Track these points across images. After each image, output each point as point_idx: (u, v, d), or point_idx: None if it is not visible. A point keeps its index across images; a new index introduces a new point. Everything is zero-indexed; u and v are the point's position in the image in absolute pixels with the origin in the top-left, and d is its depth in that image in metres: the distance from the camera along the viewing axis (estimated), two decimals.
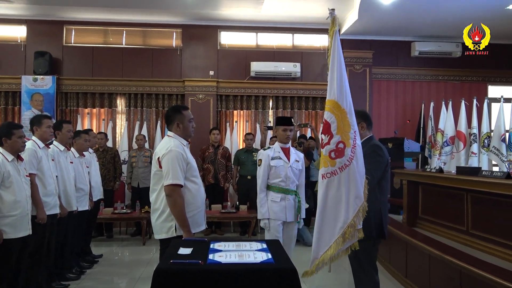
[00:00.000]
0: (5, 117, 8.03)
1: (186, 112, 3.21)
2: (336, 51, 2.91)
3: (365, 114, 3.41)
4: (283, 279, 2.04)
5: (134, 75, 8.28)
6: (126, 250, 6.55)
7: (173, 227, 3.00)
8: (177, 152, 3.00)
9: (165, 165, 2.98)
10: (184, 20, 8.33)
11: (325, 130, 2.92)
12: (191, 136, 3.27)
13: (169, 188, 2.94)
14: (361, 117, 3.31)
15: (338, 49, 2.92)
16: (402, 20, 7.74)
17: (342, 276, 5.24)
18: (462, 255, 3.66)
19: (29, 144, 4.00)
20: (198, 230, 3.13)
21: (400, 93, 8.92)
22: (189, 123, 3.19)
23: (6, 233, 3.39)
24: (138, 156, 7.24)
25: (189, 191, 3.05)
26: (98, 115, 8.39)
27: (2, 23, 8.22)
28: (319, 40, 8.77)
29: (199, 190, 3.15)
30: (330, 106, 2.91)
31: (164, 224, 3.03)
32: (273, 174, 3.99)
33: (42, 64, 7.89)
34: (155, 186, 3.10)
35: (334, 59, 2.91)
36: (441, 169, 4.98)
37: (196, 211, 3.09)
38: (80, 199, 5.00)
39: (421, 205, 5.48)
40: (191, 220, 3.03)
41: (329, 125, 2.90)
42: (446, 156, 7.69)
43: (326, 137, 2.91)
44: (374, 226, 3.13)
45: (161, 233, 3.05)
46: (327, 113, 2.92)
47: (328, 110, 2.92)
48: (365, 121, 3.32)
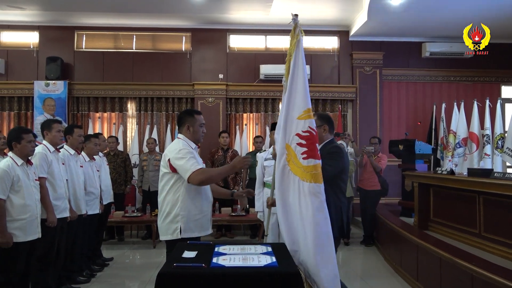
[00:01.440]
0: (18, 122, 8.16)
1: (198, 116, 3.22)
2: (301, 59, 2.79)
3: (328, 117, 3.40)
4: (287, 283, 2.02)
5: (144, 79, 8.35)
6: (137, 253, 6.57)
7: (178, 229, 3.00)
8: (186, 150, 3.03)
9: (178, 162, 2.98)
10: (193, 24, 8.38)
11: (317, 139, 2.78)
12: (200, 141, 3.28)
13: (193, 178, 2.91)
14: (324, 120, 3.30)
15: (302, 56, 2.80)
16: (412, 21, 7.68)
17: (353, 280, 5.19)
18: (473, 258, 3.59)
19: (40, 148, 4.06)
20: (203, 234, 3.12)
21: (411, 95, 8.83)
22: (199, 127, 3.20)
23: (16, 236, 3.42)
24: (148, 159, 7.27)
25: (195, 195, 3.05)
26: (109, 119, 8.47)
27: (16, 30, 8.38)
28: (329, 42, 8.75)
29: (206, 194, 3.15)
30: (308, 113, 2.78)
31: (170, 225, 3.03)
32: (266, 173, 4.57)
33: (54, 69, 8.00)
34: (163, 187, 3.12)
35: (299, 67, 2.78)
36: (452, 171, 4.91)
37: (202, 215, 3.09)
38: (90, 202, 5.02)
39: (433, 208, 5.40)
40: (197, 223, 3.03)
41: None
42: (458, 158, 7.58)
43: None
44: (335, 226, 3.09)
45: (167, 234, 3.06)
46: (313, 121, 2.77)
47: (311, 117, 2.78)
48: (327, 124, 3.30)
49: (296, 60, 2.78)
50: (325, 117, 3.35)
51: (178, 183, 3.04)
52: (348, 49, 8.66)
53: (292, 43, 2.81)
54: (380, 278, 5.13)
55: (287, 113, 2.76)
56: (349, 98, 8.59)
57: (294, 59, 2.79)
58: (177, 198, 3.02)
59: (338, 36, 8.70)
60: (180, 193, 3.02)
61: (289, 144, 2.72)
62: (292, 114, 2.75)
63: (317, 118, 3.28)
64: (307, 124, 2.70)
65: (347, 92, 8.56)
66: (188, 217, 3.02)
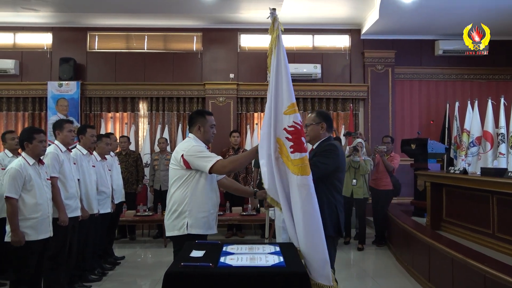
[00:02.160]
0: (32, 122, 8.27)
1: (209, 117, 3.25)
2: (282, 53, 2.76)
3: (327, 115, 3.35)
4: (294, 282, 2.01)
5: (156, 79, 8.39)
6: (148, 252, 6.62)
7: (185, 225, 3.03)
8: (200, 146, 3.09)
9: (194, 158, 3.02)
10: (204, 24, 8.40)
11: (303, 133, 2.74)
12: (210, 142, 3.30)
13: (218, 168, 2.96)
14: (323, 118, 3.27)
15: (283, 51, 2.77)
16: (425, 18, 7.59)
17: (366, 281, 5.16)
18: (486, 259, 3.53)
19: (51, 148, 4.10)
20: (209, 233, 3.14)
21: (424, 93, 8.73)
22: (210, 128, 3.23)
23: (28, 235, 3.47)
24: (160, 159, 7.32)
25: (202, 194, 3.06)
26: (121, 119, 8.54)
27: (30, 31, 8.49)
28: (340, 40, 8.70)
29: (213, 194, 3.16)
30: (293, 108, 2.74)
31: (177, 221, 3.06)
32: None
33: (67, 70, 8.09)
34: (172, 184, 3.15)
35: (281, 62, 2.76)
36: (465, 170, 4.84)
37: (208, 213, 3.10)
38: (102, 202, 5.07)
39: (445, 208, 5.33)
40: (203, 221, 3.05)
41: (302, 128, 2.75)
42: (472, 157, 7.48)
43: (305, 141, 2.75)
44: (331, 225, 3.05)
45: (173, 230, 3.08)
46: (297, 115, 2.72)
47: (296, 111, 2.73)
48: (326, 122, 3.26)
49: (278, 55, 2.77)
50: (324, 115, 3.32)
51: (188, 179, 3.07)
52: (360, 47, 8.60)
53: (273, 37, 2.79)
54: (392, 278, 5.08)
55: (276, 108, 2.75)
56: (360, 97, 8.53)
57: (276, 55, 2.78)
58: (185, 195, 3.05)
59: (349, 34, 8.64)
60: (188, 190, 3.06)
61: (280, 138, 2.72)
62: (279, 109, 2.75)
63: (316, 116, 3.28)
64: (291, 119, 2.69)
65: (358, 91, 8.50)
66: (195, 214, 3.04)
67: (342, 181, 3.23)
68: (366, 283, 5.07)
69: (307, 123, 3.30)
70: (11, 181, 3.41)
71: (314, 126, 3.25)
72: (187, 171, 3.05)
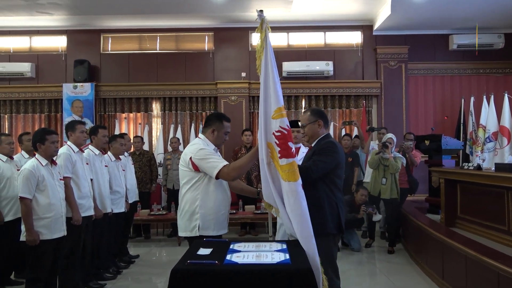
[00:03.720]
0: (48, 124, 8.43)
1: (226, 124, 3.24)
2: (269, 55, 2.67)
3: (321, 112, 3.30)
4: (299, 280, 2.01)
5: (169, 79, 8.46)
6: (163, 250, 6.69)
7: (197, 227, 3.06)
8: (207, 149, 3.09)
9: (202, 162, 3.03)
10: (215, 23, 8.43)
11: (290, 138, 2.65)
12: (219, 147, 3.31)
13: (224, 174, 2.97)
14: (318, 115, 3.22)
15: (270, 52, 2.68)
16: (438, 13, 7.47)
17: (379, 278, 5.12)
18: (499, 256, 3.47)
19: (64, 149, 4.18)
20: (221, 233, 3.15)
21: (438, 89, 8.61)
22: (224, 134, 3.24)
23: (42, 234, 3.55)
24: (172, 158, 7.38)
25: (213, 194, 3.08)
26: (134, 119, 8.64)
27: (45, 34, 8.65)
28: (352, 37, 8.63)
29: (224, 193, 3.17)
30: (280, 112, 2.66)
31: (188, 223, 3.09)
32: None
33: (81, 72, 8.22)
34: (183, 185, 3.17)
35: (269, 64, 2.66)
36: (479, 166, 4.75)
37: (219, 214, 3.11)
38: (116, 201, 5.14)
39: (460, 204, 5.24)
40: (214, 222, 3.07)
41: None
42: (488, 153, 7.36)
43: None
44: (332, 222, 3.02)
45: (186, 231, 3.12)
46: (284, 120, 2.64)
47: (283, 116, 2.65)
48: (321, 119, 3.21)
49: (266, 57, 2.69)
50: (318, 112, 3.27)
51: (198, 181, 3.08)
52: (372, 43, 8.52)
53: (261, 38, 2.71)
54: (405, 275, 5.03)
55: (265, 113, 2.71)
56: (373, 94, 8.45)
57: (264, 56, 2.69)
58: (196, 196, 3.07)
59: (361, 30, 8.57)
60: (199, 192, 3.07)
61: (270, 142, 2.68)
62: (268, 113, 2.70)
63: (311, 114, 3.22)
64: (278, 123, 2.62)
65: (371, 87, 8.43)
66: (206, 215, 3.06)
67: (342, 178, 3.19)
68: (379, 280, 5.04)
69: (303, 123, 3.26)
70: (25, 181, 3.49)
71: (311, 125, 3.21)
72: (196, 173, 3.07)
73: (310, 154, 3.15)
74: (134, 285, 4.96)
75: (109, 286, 4.74)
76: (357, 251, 6.11)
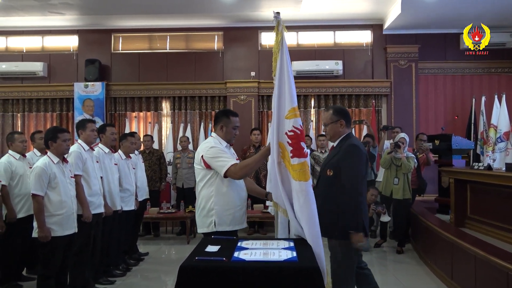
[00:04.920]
0: (60, 122, 8.54)
1: (233, 118, 3.27)
2: (285, 56, 2.72)
3: (345, 111, 3.29)
4: (306, 277, 2.03)
5: (178, 79, 8.51)
6: (172, 248, 6.73)
7: (213, 222, 3.10)
8: (218, 148, 3.12)
9: (211, 160, 3.07)
10: (225, 23, 8.46)
11: (303, 138, 2.70)
12: (231, 142, 3.33)
13: (232, 173, 3.00)
14: (340, 114, 3.21)
15: (286, 53, 2.73)
16: (449, 12, 7.41)
17: (387, 278, 5.11)
18: (509, 256, 3.45)
19: (75, 147, 4.24)
20: (238, 228, 3.17)
21: (449, 88, 8.54)
22: (232, 129, 3.26)
23: (53, 231, 3.60)
24: (182, 157, 7.42)
25: (228, 190, 3.11)
26: (144, 118, 8.71)
27: (57, 34, 8.76)
28: (362, 36, 8.60)
29: (239, 188, 3.20)
30: (294, 112, 2.70)
31: (205, 219, 3.13)
32: None
33: (92, 71, 8.30)
34: (198, 183, 3.22)
35: (284, 65, 2.71)
36: (489, 166, 4.72)
37: (235, 209, 3.14)
38: (126, 199, 5.19)
39: (470, 205, 5.22)
40: (230, 218, 3.10)
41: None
42: (500, 153, 7.29)
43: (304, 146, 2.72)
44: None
45: (203, 227, 3.16)
46: (297, 120, 2.68)
47: (296, 116, 2.69)
48: (344, 119, 3.20)
49: (282, 58, 2.74)
50: (341, 111, 3.26)
51: (211, 178, 3.13)
52: (382, 42, 8.48)
53: (277, 40, 2.77)
54: (414, 275, 5.02)
55: (279, 112, 2.75)
56: (383, 93, 8.42)
57: (280, 57, 2.75)
58: (211, 193, 3.11)
59: (371, 30, 8.53)
60: (213, 188, 3.11)
61: (282, 142, 2.71)
62: (281, 113, 2.74)
63: (333, 113, 3.22)
64: (291, 123, 2.67)
65: (381, 86, 8.39)
66: (221, 211, 3.10)
67: (366, 179, 3.19)
68: (388, 280, 5.02)
69: (325, 122, 3.27)
70: (37, 179, 3.55)
71: (333, 125, 3.21)
72: (209, 171, 3.12)
73: (333, 154, 3.16)
74: (143, 282, 5.01)
75: (119, 283, 4.79)
76: (366, 251, 6.09)
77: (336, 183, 3.04)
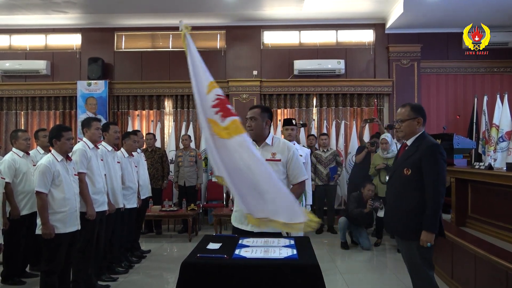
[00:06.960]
0: (63, 121, 8.58)
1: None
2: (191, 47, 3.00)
3: (422, 109, 3.18)
4: (306, 275, 2.06)
5: (181, 77, 8.52)
6: (174, 246, 6.77)
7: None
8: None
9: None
10: (227, 21, 8.48)
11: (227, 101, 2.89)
12: None
13: None
14: (419, 112, 3.11)
15: (191, 45, 3.00)
16: (451, 11, 7.41)
17: (387, 276, 5.13)
18: (509, 256, 3.47)
19: (80, 145, 4.28)
20: (243, 228, 3.15)
21: (451, 88, 8.54)
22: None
23: (57, 228, 3.63)
24: (184, 155, 7.45)
25: None
26: (147, 117, 8.75)
27: (60, 33, 8.80)
28: (364, 35, 8.62)
29: None
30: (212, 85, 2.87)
31: None
32: None
33: (95, 69, 8.34)
34: None
35: (192, 54, 2.97)
36: (490, 165, 4.73)
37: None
38: (128, 197, 5.24)
39: (471, 204, 5.22)
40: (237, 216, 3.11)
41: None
42: (502, 152, 7.28)
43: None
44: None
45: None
46: (218, 89, 2.87)
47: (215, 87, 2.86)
48: (422, 117, 3.11)
49: (189, 51, 2.96)
50: (419, 109, 3.15)
51: None
52: (384, 42, 8.49)
53: (184, 44, 2.99)
54: None
55: (199, 92, 2.85)
56: (385, 92, 8.43)
57: (189, 56, 2.95)
58: None
59: (373, 29, 8.54)
60: None
61: (210, 118, 2.81)
62: (202, 91, 2.85)
63: (411, 110, 3.11)
64: (213, 94, 2.82)
65: (383, 86, 8.40)
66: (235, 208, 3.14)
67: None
68: (388, 278, 5.04)
69: (402, 118, 3.13)
70: (41, 176, 3.58)
71: (410, 122, 3.10)
72: None
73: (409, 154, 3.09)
74: (145, 280, 5.04)
75: (121, 280, 4.83)
76: (367, 249, 6.13)
77: (413, 182, 3.00)
